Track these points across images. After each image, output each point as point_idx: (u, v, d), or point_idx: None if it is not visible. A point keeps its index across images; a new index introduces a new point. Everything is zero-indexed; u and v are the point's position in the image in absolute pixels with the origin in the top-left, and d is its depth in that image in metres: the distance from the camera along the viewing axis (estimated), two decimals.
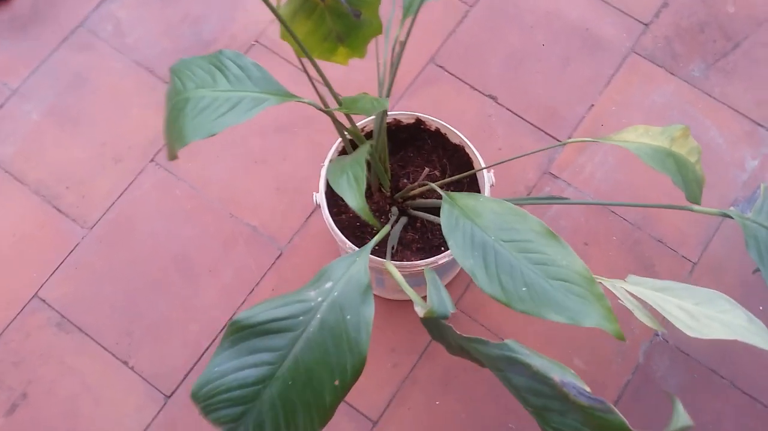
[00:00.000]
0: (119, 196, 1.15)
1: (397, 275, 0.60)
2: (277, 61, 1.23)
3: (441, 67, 1.23)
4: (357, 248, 0.87)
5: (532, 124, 1.19)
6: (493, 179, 0.91)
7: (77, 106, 1.20)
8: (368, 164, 0.94)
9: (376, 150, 0.85)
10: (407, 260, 0.89)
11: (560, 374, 0.47)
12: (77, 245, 1.12)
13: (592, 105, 1.20)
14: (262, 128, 1.19)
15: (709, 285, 1.09)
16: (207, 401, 0.57)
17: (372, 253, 0.88)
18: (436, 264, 0.86)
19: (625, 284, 0.68)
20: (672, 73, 1.21)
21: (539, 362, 0.48)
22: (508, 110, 1.20)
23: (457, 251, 0.57)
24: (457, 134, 0.93)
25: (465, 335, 0.53)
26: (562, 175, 1.16)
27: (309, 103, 0.66)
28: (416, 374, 1.07)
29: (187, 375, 1.06)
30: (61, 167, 1.17)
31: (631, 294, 0.66)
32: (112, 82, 1.22)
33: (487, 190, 0.89)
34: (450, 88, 1.21)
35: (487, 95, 1.21)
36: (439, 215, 0.91)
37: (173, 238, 1.13)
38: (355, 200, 0.57)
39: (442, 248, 0.91)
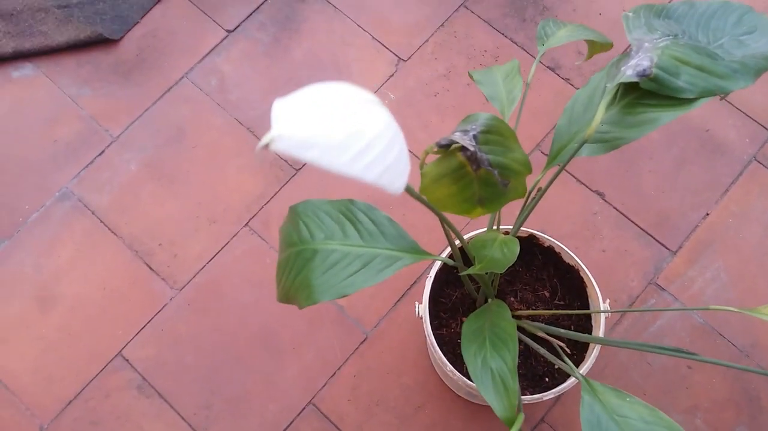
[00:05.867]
0: (211, 259, 1.14)
1: None
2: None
3: (547, 155, 1.18)
4: (456, 371, 0.83)
5: (640, 227, 1.13)
6: (609, 313, 0.86)
7: (175, 161, 1.20)
8: (470, 277, 0.90)
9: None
10: None
11: None
12: (165, 305, 1.12)
13: (707, 214, 1.13)
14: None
15: None
16: None
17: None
18: (541, 401, 0.82)
19: None
20: None
21: None
22: (615, 208, 1.14)
23: None
24: (572, 256, 0.88)
25: None
26: (669, 287, 1.09)
27: (443, 261, 0.62)
28: None
29: None
30: (155, 222, 1.16)
31: None
32: (212, 139, 1.21)
33: (602, 324, 0.84)
34: (555, 180, 1.16)
35: (593, 191, 1.15)
36: (542, 345, 0.86)
37: (261, 310, 1.11)
38: (503, 410, 0.53)
39: (546, 379, 0.86)
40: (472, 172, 0.55)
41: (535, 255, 0.91)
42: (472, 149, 0.53)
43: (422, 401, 1.06)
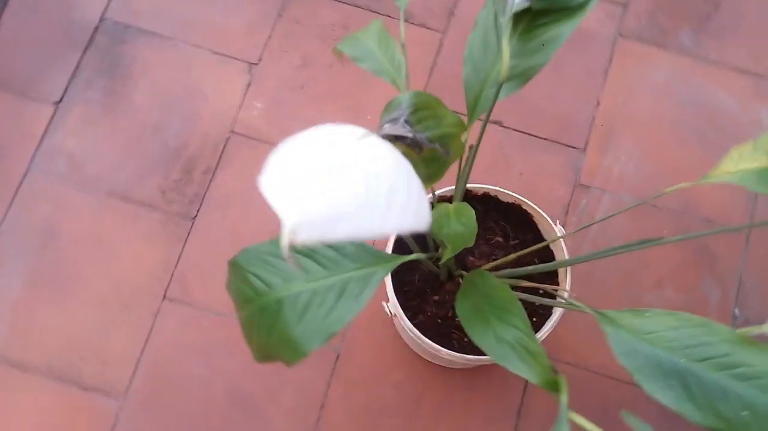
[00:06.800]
0: (143, 349, 1.02)
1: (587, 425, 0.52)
2: (262, 148, 1.12)
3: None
4: (454, 353, 0.80)
5: (545, 138, 1.13)
6: (563, 230, 0.84)
7: (57, 262, 1.06)
8: (429, 256, 0.86)
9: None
10: None
11: None
12: (116, 419, 0.99)
13: (598, 102, 1.15)
14: (272, 231, 1.08)
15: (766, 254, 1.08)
16: None
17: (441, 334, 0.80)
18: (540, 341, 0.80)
19: None
20: (664, 49, 1.17)
21: None
22: (516, 131, 1.13)
23: (648, 387, 0.51)
24: (509, 194, 0.86)
25: None
26: (594, 183, 1.11)
27: (418, 259, 0.57)
28: None
29: None
30: (65, 335, 1.03)
31: None
32: (87, 225, 1.08)
33: (564, 247, 0.83)
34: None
35: (491, 122, 1.14)
36: (516, 290, 0.84)
37: (219, 374, 1.01)
38: (539, 377, 0.50)
39: (534, 319, 0.84)
40: (416, 156, 0.49)
41: (475, 207, 0.88)
42: (410, 135, 0.48)
43: (419, 390, 1.01)
